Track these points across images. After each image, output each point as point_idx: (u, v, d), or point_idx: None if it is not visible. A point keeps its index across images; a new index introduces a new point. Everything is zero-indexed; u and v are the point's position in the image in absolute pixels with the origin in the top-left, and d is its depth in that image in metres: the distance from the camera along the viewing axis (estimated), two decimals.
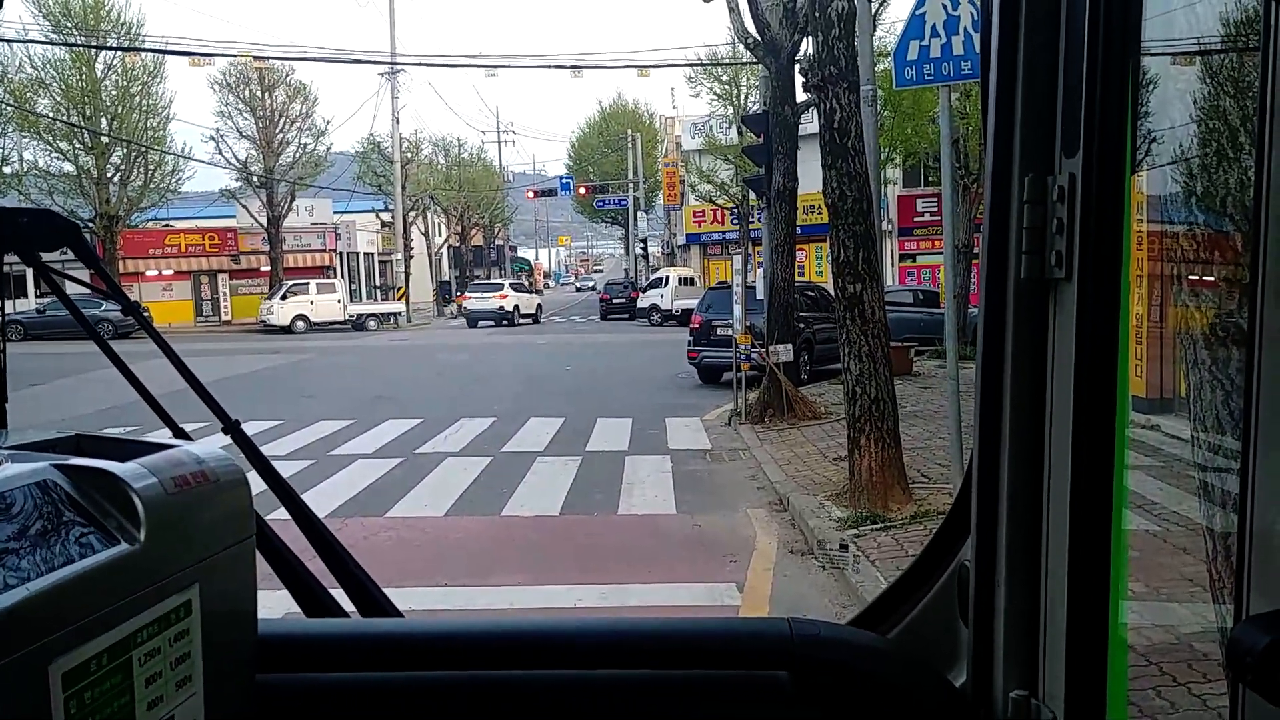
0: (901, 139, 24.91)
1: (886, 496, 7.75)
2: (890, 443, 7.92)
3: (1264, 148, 0.81)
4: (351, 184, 48.09)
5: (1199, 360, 1.15)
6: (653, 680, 1.23)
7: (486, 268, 69.00)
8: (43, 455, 0.98)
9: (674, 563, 7.34)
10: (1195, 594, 1.97)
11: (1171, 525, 2.71)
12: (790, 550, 7.42)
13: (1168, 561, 2.63)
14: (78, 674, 0.84)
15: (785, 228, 14.11)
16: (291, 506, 1.39)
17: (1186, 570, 2.60)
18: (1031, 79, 1.03)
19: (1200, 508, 1.06)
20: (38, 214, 1.19)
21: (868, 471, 7.86)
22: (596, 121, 69.83)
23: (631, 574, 7.00)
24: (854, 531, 7.29)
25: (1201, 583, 1.03)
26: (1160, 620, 2.68)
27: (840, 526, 7.47)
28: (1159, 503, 2.80)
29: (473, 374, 21.36)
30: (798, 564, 7.11)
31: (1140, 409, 2.84)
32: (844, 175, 7.97)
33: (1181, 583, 2.76)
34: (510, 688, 1.22)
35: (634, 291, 44.69)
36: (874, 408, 7.90)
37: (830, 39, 7.91)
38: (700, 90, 37.31)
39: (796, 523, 8.08)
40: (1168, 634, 2.77)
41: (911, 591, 1.35)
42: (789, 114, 14.08)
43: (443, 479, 10.27)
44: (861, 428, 7.95)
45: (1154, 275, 1.63)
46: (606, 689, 1.22)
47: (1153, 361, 2.63)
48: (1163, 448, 2.42)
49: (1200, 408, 1.08)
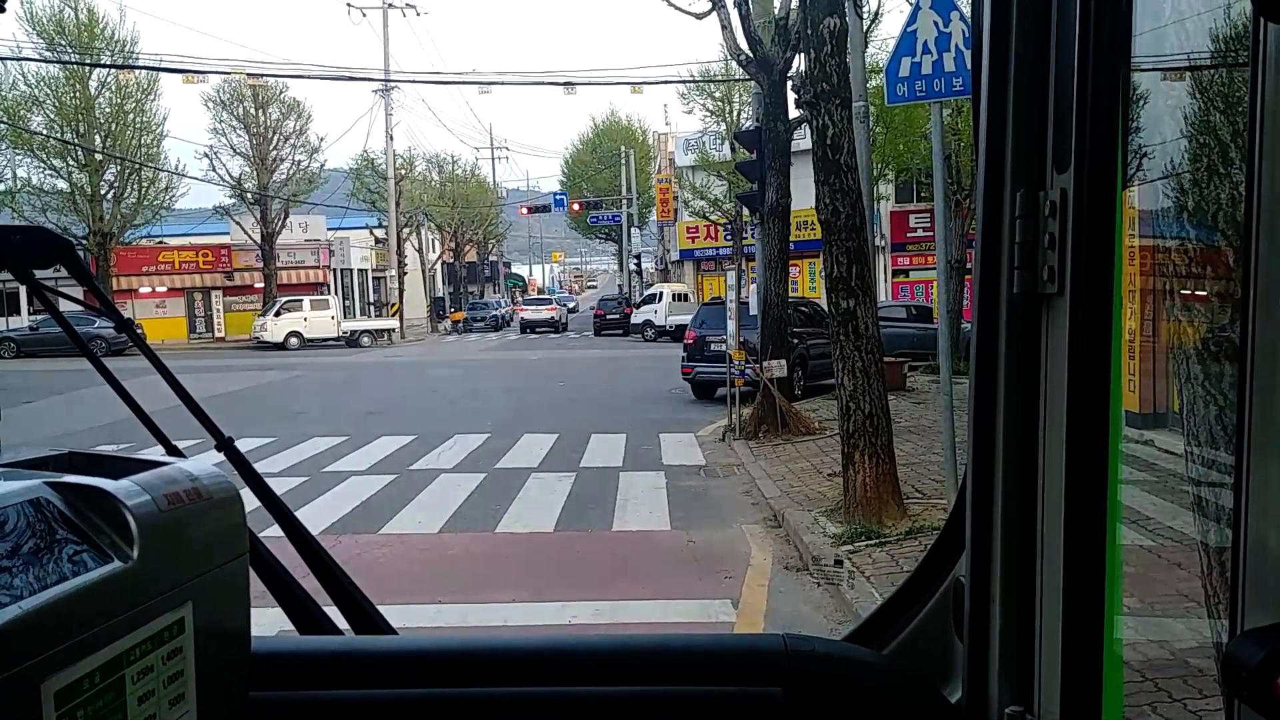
0: (894, 155, 25.05)
1: (881, 512, 7.75)
2: (884, 458, 7.92)
3: (1254, 162, 0.81)
4: (345, 200, 48.09)
5: (1192, 375, 1.15)
6: (647, 696, 1.22)
7: (480, 284, 68.98)
8: (36, 473, 0.98)
9: (669, 579, 7.32)
10: (1190, 609, 1.96)
11: (1166, 540, 2.70)
12: (785, 566, 7.40)
13: (1163, 576, 2.62)
14: (70, 692, 0.83)
15: (779, 243, 14.15)
16: (285, 523, 1.38)
17: (1181, 585, 2.59)
18: (1022, 95, 1.03)
19: (1195, 522, 1.06)
20: (31, 231, 1.19)
21: (862, 487, 7.86)
22: (590, 138, 70.05)
23: (626, 590, 6.98)
24: (849, 547, 7.27)
25: (1196, 597, 1.02)
26: (1155, 635, 2.65)
27: (835, 542, 7.46)
28: (1154, 518, 2.79)
29: (466, 390, 21.31)
30: (793, 580, 7.09)
31: (1134, 424, 2.84)
32: (837, 191, 8.00)
33: (1176, 598, 2.75)
34: (505, 705, 1.22)
35: (628, 307, 44.74)
36: (868, 423, 7.90)
37: (822, 56, 7.95)
38: (693, 106, 37.49)
39: (791, 538, 8.07)
40: (1163, 649, 2.70)
41: (907, 607, 1.35)
42: (782, 130, 14.14)
43: (436, 495, 10.23)
44: (856, 443, 7.95)
45: (1146, 290, 1.64)
46: (601, 706, 1.22)
47: (1145, 376, 2.64)
48: (1156, 463, 2.41)
49: (1194, 422, 1.07)
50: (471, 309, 54.15)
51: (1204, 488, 1.05)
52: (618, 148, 61.35)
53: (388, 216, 45.78)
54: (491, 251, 73.28)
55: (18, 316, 35.21)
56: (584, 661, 1.24)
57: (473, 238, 61.27)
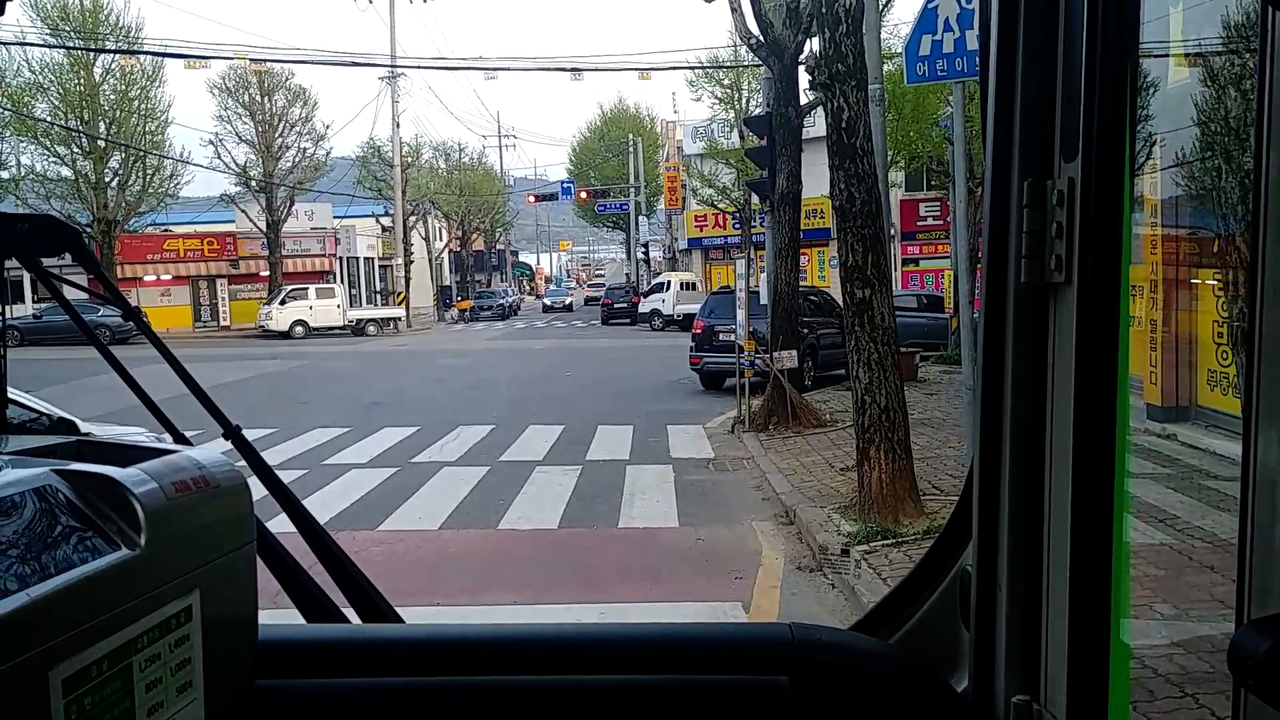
0: (905, 142, 24.66)
1: (897, 510, 7.46)
2: (901, 454, 7.63)
3: (1262, 149, 0.80)
4: (351, 188, 47.88)
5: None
6: (653, 685, 1.22)
7: (488, 273, 68.72)
8: (43, 460, 0.98)
9: (676, 579, 7.05)
10: (1197, 599, 1.95)
11: (1196, 540, 2.66)
12: (798, 566, 7.11)
13: (1175, 569, 2.59)
14: (78, 679, 0.84)
15: (789, 231, 13.83)
16: (292, 512, 1.40)
17: (1190, 577, 2.53)
18: (1030, 84, 1.04)
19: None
20: (39, 220, 1.22)
21: (878, 484, 7.57)
22: (597, 126, 69.67)
23: (632, 592, 6.71)
24: (864, 547, 6.99)
25: (1206, 588, 1.03)
26: (1162, 625, 2.64)
27: (850, 541, 7.16)
28: (1180, 516, 2.74)
29: (471, 380, 21.07)
30: (806, 581, 6.81)
31: (1155, 418, 2.88)
32: (852, 176, 7.69)
33: (1186, 588, 2.67)
34: (510, 693, 1.22)
35: (635, 296, 44.52)
36: (884, 417, 7.61)
37: (838, 35, 7.62)
38: (701, 94, 37.04)
39: (804, 537, 7.79)
40: (1169, 638, 2.69)
41: (913, 596, 1.35)
42: (792, 116, 13.81)
43: (438, 490, 9.98)
44: (871, 438, 7.65)
45: (1172, 280, 1.72)
46: (607, 694, 1.22)
47: (1168, 368, 2.71)
48: (1180, 458, 2.50)
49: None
50: (478, 298, 53.89)
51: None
52: (625, 136, 60.97)
53: (394, 204, 45.51)
54: (498, 240, 72.98)
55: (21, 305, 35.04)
56: (591, 650, 1.25)
57: (479, 226, 60.93)
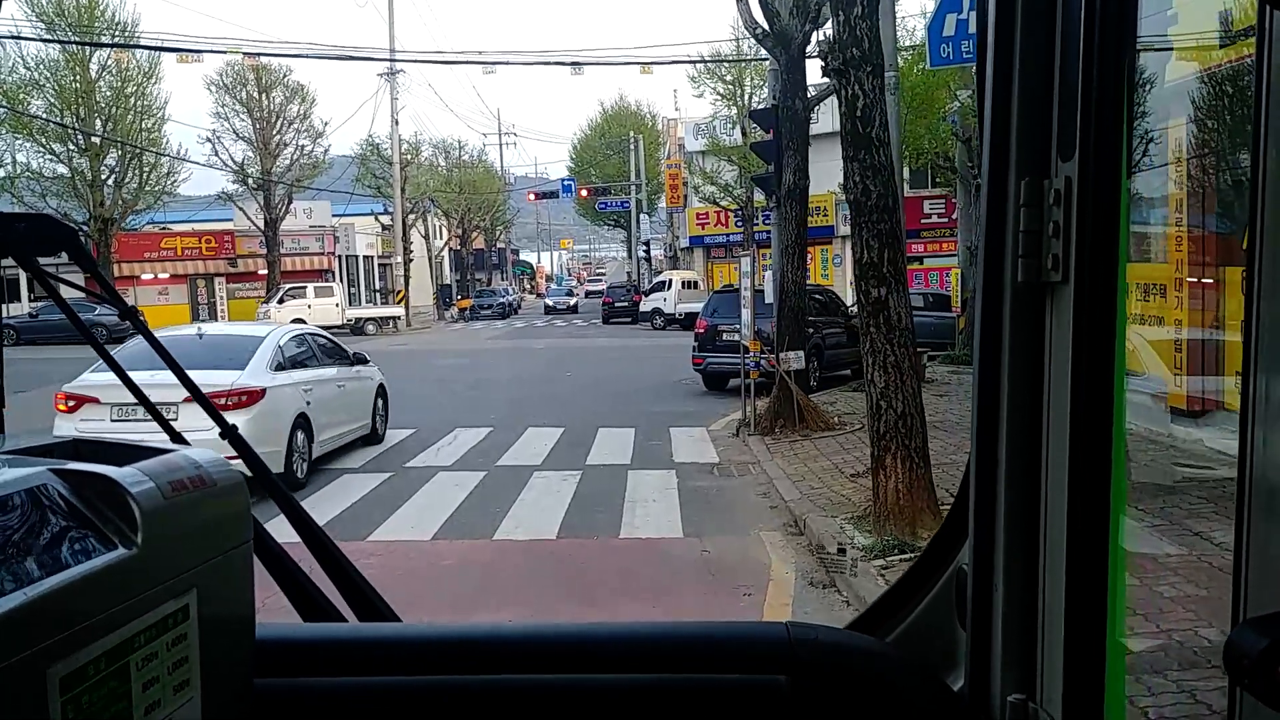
0: (911, 138, 24.24)
1: (915, 522, 7.04)
2: (919, 462, 7.22)
3: (1259, 147, 0.80)
4: (350, 186, 47.50)
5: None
6: (651, 684, 1.22)
7: (488, 271, 68.34)
8: (40, 460, 0.98)
9: (681, 595, 6.66)
10: (1193, 599, 1.85)
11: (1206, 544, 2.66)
12: (810, 582, 6.70)
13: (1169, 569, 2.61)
14: (75, 678, 0.83)
15: (796, 228, 13.45)
16: (288, 511, 1.39)
17: (1186, 575, 2.55)
18: (1027, 83, 1.03)
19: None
20: (35, 219, 1.22)
21: (894, 494, 7.16)
22: (598, 123, 69.27)
23: (633, 609, 6.31)
24: (881, 562, 6.58)
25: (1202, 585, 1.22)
26: (1159, 623, 2.64)
27: (866, 556, 6.76)
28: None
29: (470, 380, 20.66)
30: (818, 598, 6.40)
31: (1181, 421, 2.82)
32: (867, 168, 7.28)
33: (1183, 584, 2.76)
34: (508, 692, 1.22)
35: (636, 295, 44.18)
36: (900, 423, 7.20)
37: (852, 18, 7.21)
38: (703, 90, 36.67)
39: (815, 549, 7.38)
40: (1166, 637, 2.72)
41: (909, 595, 1.34)
42: (799, 108, 13.41)
43: (432, 497, 9.58)
44: (887, 445, 7.24)
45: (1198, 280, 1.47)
46: (605, 693, 1.22)
47: (1193, 370, 2.77)
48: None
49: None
50: (478, 296, 53.47)
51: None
52: (627, 133, 60.56)
53: (393, 203, 45.13)
54: (499, 238, 72.59)
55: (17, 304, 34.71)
56: (589, 649, 1.25)
57: (480, 224, 60.51)
